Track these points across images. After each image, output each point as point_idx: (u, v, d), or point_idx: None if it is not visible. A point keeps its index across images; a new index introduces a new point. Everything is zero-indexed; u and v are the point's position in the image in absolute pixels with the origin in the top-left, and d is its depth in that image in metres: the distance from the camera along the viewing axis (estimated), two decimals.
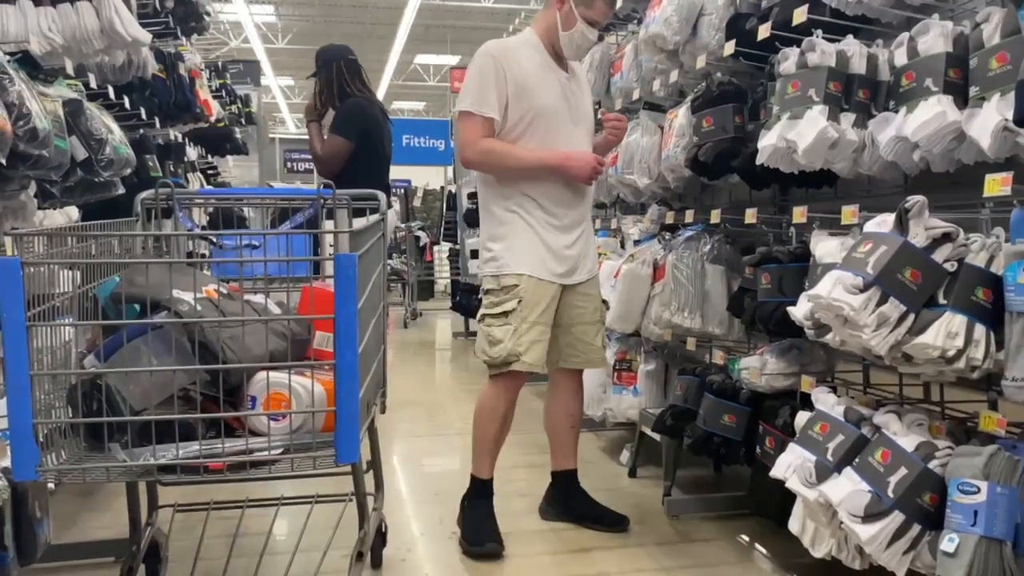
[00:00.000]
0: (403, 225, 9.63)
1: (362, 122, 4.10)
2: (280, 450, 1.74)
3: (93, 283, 1.86)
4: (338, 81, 4.08)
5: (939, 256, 1.76)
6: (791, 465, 2.08)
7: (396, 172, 5.57)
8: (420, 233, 9.68)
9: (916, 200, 1.79)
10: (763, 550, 2.64)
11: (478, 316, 2.69)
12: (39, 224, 2.76)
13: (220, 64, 7.35)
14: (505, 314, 2.57)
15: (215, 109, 5.66)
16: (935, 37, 1.94)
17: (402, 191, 12.19)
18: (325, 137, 4.08)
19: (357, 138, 4.04)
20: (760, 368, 2.51)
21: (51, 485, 2.39)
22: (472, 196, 7.09)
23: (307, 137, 4.18)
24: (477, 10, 14.84)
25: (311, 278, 2.17)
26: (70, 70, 3.03)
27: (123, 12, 3.06)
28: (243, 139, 7.61)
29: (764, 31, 2.54)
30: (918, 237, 1.77)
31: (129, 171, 3.12)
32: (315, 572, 2.06)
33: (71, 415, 1.73)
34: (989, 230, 1.80)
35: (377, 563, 2.44)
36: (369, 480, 2.17)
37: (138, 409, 1.70)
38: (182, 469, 1.67)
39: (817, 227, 2.29)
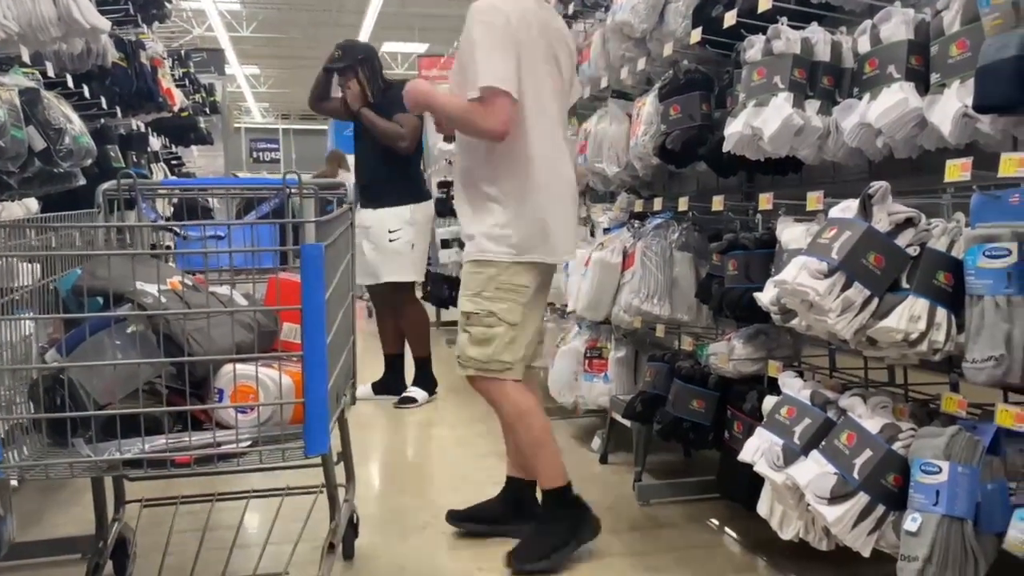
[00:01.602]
0: None
1: None
2: (248, 443, 1.72)
3: (54, 276, 1.83)
4: (380, 72, 4.39)
5: (902, 241, 1.79)
6: (759, 449, 2.10)
7: None
8: None
9: (879, 186, 1.81)
10: (733, 533, 2.67)
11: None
12: None
13: (183, 52, 7.25)
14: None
15: (178, 98, 5.58)
16: (897, 24, 1.97)
17: None
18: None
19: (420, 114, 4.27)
20: (728, 354, 2.53)
21: (14, 482, 2.35)
22: (441, 185, 7.02)
23: (275, 127, 4.26)
24: None
25: (278, 269, 2.14)
26: (26, 58, 2.96)
27: None
28: (207, 129, 7.52)
29: (730, 18, 2.55)
30: (881, 222, 1.80)
31: (90, 161, 3.07)
32: (286, 564, 2.05)
33: (33, 411, 1.70)
34: (950, 215, 1.83)
35: (349, 554, 2.43)
36: (340, 471, 2.16)
37: (102, 403, 1.67)
38: (148, 463, 1.65)
39: (783, 213, 2.31)
